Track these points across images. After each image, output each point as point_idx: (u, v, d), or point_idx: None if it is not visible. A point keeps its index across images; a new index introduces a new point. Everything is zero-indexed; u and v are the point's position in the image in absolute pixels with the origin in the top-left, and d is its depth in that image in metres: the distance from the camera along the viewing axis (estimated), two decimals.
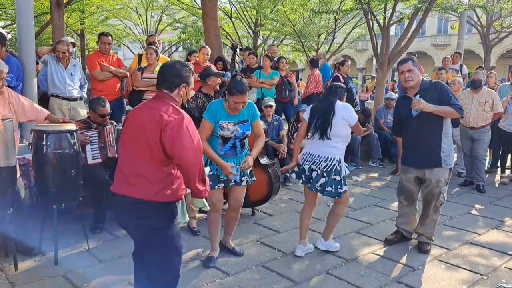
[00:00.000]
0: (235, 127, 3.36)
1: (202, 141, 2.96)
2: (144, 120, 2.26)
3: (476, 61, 27.58)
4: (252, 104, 3.50)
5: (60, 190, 3.45)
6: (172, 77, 2.35)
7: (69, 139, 3.45)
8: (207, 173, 3.07)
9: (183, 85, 2.37)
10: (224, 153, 3.39)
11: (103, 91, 5.62)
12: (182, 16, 23.96)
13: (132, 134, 2.31)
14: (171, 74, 2.36)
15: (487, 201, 5.60)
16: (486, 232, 4.46)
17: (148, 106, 2.35)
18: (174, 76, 2.35)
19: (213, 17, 8.96)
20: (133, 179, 2.28)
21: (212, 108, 3.36)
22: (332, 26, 18.92)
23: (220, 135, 3.35)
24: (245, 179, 3.58)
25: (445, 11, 12.72)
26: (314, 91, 8.04)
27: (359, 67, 36.12)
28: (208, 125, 3.34)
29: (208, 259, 3.58)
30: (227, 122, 3.34)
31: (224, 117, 3.35)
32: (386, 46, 11.79)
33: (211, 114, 3.34)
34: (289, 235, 4.28)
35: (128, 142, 2.34)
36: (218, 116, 3.33)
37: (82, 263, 3.54)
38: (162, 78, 2.39)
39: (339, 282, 3.33)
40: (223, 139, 3.38)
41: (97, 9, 19.66)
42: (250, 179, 3.64)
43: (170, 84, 2.35)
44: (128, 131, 2.35)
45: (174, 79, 2.35)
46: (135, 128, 2.30)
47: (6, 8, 16.99)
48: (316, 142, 3.67)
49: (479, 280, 3.42)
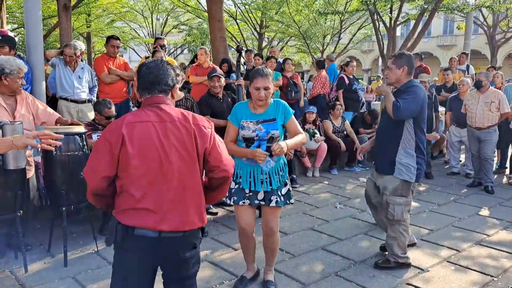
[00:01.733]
0: (257, 126, 2.93)
1: (228, 143, 2.84)
2: (170, 134, 1.92)
3: (483, 61, 27.43)
4: (281, 102, 3.04)
5: (69, 192, 3.47)
6: (165, 78, 2.01)
7: (78, 141, 3.47)
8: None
9: (176, 86, 2.08)
10: (247, 160, 2.97)
11: (110, 93, 5.65)
12: (188, 19, 24.09)
13: (159, 155, 1.90)
14: (163, 75, 2.01)
15: (496, 202, 5.56)
16: (496, 233, 4.43)
17: (156, 118, 1.94)
18: (167, 77, 2.02)
19: (218, 19, 8.98)
20: (172, 209, 1.93)
21: (236, 109, 3.05)
22: (337, 27, 18.91)
23: (241, 136, 2.96)
24: (275, 199, 3.00)
25: (451, 11, 12.70)
26: (321, 92, 8.03)
27: (365, 68, 36.05)
28: (232, 128, 2.99)
29: (239, 279, 3.25)
30: (248, 121, 2.96)
31: (246, 116, 2.98)
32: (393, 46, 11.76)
33: (234, 116, 3.00)
34: (297, 236, 4.27)
35: (155, 164, 1.90)
36: (240, 116, 2.98)
37: (91, 264, 3.55)
38: (152, 81, 1.99)
39: (348, 284, 3.31)
40: (246, 143, 2.97)
41: (103, 12, 19.81)
42: (284, 201, 3.06)
43: (164, 88, 2.01)
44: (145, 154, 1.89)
45: (168, 80, 2.02)
46: (154, 148, 1.90)
47: (13, 11, 17.14)
48: None
49: (489, 281, 3.40)
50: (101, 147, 1.91)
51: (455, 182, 6.61)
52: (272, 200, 3.00)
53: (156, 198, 1.91)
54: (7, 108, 3.45)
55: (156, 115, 1.94)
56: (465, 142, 6.65)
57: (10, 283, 3.25)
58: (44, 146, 2.57)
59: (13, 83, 3.42)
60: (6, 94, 3.46)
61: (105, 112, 4.30)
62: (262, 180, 2.99)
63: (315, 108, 7.04)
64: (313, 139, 6.74)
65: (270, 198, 3.00)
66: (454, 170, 7.05)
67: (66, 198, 3.46)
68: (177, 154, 1.92)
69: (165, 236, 1.93)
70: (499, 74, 7.76)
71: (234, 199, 3.03)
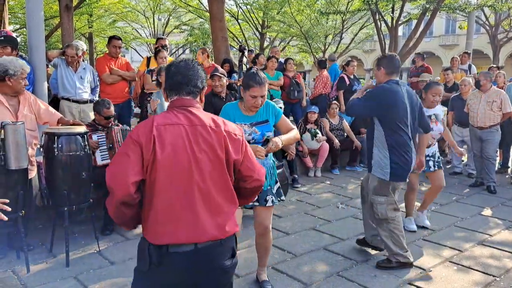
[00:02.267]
0: (252, 129, 2.93)
1: None
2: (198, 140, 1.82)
3: (485, 61, 27.34)
4: (269, 102, 3.05)
5: (71, 192, 3.48)
6: (195, 79, 1.91)
7: (80, 141, 3.48)
8: None
9: (205, 88, 1.98)
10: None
11: (111, 94, 5.67)
12: (189, 19, 24.10)
13: (188, 160, 1.79)
14: (193, 76, 1.91)
15: (498, 201, 5.55)
16: (498, 233, 4.42)
17: (186, 121, 1.83)
18: (197, 78, 1.92)
19: (220, 19, 8.99)
20: (204, 217, 1.81)
21: (226, 111, 2.97)
22: (339, 27, 18.89)
23: None
24: (271, 199, 3.02)
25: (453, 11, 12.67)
26: (322, 92, 8.02)
27: (367, 67, 36.01)
28: None
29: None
30: (243, 124, 2.91)
31: (240, 119, 2.94)
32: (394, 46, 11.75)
33: (227, 117, 2.83)
34: (298, 236, 4.27)
35: (185, 170, 1.78)
36: (233, 118, 2.90)
37: (93, 264, 3.56)
38: (181, 82, 1.89)
39: (350, 284, 3.31)
40: None
41: (105, 12, 19.83)
42: (277, 199, 3.10)
43: (193, 89, 1.90)
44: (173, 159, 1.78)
45: (197, 81, 1.92)
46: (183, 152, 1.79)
47: (15, 12, 17.18)
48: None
49: (492, 282, 3.39)
50: (129, 149, 1.76)
51: (457, 182, 6.60)
52: (268, 200, 3.01)
53: (186, 207, 1.78)
54: (10, 108, 3.46)
55: (186, 118, 1.83)
56: (467, 141, 6.63)
57: (12, 283, 3.26)
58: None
59: (17, 84, 3.43)
60: (9, 94, 3.47)
61: (104, 112, 4.31)
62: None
63: (317, 108, 7.03)
64: (315, 139, 6.73)
65: (265, 198, 3.00)
66: (456, 170, 7.03)
67: (67, 198, 3.46)
68: (208, 160, 1.81)
69: (202, 247, 1.79)
70: (501, 73, 7.73)
71: None
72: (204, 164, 1.80)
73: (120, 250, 3.89)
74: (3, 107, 3.42)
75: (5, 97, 3.45)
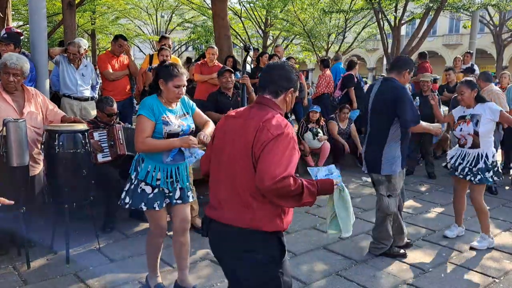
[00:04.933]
0: (179, 121, 2.90)
1: (146, 140, 2.75)
2: (240, 131, 1.96)
3: (489, 61, 27.27)
4: (183, 97, 2.99)
5: (71, 189, 3.49)
6: (281, 79, 2.00)
7: (81, 138, 3.48)
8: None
9: (291, 90, 2.03)
10: (173, 159, 2.85)
11: (113, 91, 5.68)
12: (192, 16, 24.10)
13: (229, 149, 1.98)
14: (280, 76, 2.01)
15: (499, 203, 5.54)
16: (498, 235, 4.41)
17: (246, 114, 2.01)
18: (283, 78, 2.01)
19: (223, 17, 8.98)
20: (235, 205, 1.95)
21: (151, 104, 2.82)
22: (342, 25, 18.86)
23: (166, 132, 2.81)
24: (191, 194, 3.09)
25: (457, 10, 12.61)
26: (325, 91, 8.01)
27: (369, 66, 35.94)
28: (150, 123, 2.78)
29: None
30: (169, 116, 2.86)
31: (165, 112, 2.85)
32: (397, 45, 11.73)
33: (151, 111, 2.79)
34: (298, 235, 4.28)
35: (224, 159, 2.00)
36: (157, 111, 2.82)
37: (93, 261, 3.58)
38: (267, 80, 2.03)
39: (349, 284, 3.31)
40: (168, 138, 2.84)
41: (108, 9, 19.84)
42: (192, 195, 3.15)
43: (276, 88, 2.00)
44: (222, 145, 2.02)
45: (283, 81, 2.01)
46: (228, 141, 1.99)
47: (18, 8, 17.22)
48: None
49: (491, 283, 3.39)
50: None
51: None
52: (189, 195, 3.06)
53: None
54: (15, 106, 3.46)
55: (245, 112, 2.03)
56: None
57: (13, 279, 3.28)
58: None
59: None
60: (11, 91, 3.47)
61: (107, 109, 4.32)
62: (179, 178, 2.96)
63: (319, 107, 7.02)
64: (316, 138, 6.73)
65: (187, 194, 3.04)
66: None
67: (68, 195, 3.47)
68: (239, 156, 1.94)
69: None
70: (506, 74, 7.66)
71: (158, 203, 2.91)
72: (238, 154, 1.95)
73: (120, 247, 3.90)
74: (7, 104, 3.43)
75: (10, 95, 3.46)
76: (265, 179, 1.81)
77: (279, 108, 2.01)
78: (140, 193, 2.88)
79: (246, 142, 1.91)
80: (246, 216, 1.92)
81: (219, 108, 4.89)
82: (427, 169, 6.84)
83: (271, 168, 1.81)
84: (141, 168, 2.88)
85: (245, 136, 1.92)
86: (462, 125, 4.00)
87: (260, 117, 1.93)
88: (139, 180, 2.88)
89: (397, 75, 3.66)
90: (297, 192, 1.86)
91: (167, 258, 3.67)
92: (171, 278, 3.35)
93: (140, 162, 2.90)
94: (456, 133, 4.07)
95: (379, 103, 3.64)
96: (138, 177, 2.88)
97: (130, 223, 4.47)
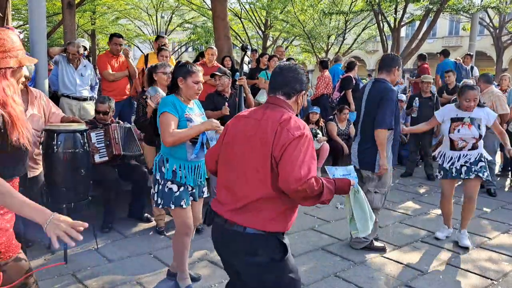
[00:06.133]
0: (199, 119, 2.96)
1: (174, 132, 2.75)
2: (254, 132, 1.96)
3: (488, 63, 27.30)
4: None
5: (70, 189, 3.48)
6: (294, 81, 2.04)
7: (80, 138, 3.47)
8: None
9: (303, 92, 2.08)
10: (196, 156, 2.90)
11: (113, 91, 5.68)
12: (192, 17, 24.10)
13: (239, 148, 2.00)
14: (293, 78, 2.05)
15: (498, 205, 5.53)
16: (497, 236, 4.41)
17: (260, 114, 2.01)
18: (296, 81, 2.05)
19: (222, 18, 8.98)
20: (240, 204, 1.96)
21: (173, 102, 2.87)
22: (342, 27, 18.86)
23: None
24: (206, 189, 3.18)
25: (457, 12, 12.62)
26: (324, 92, 8.01)
27: (369, 68, 35.95)
28: (174, 119, 2.81)
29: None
30: (192, 114, 2.92)
31: (186, 109, 2.91)
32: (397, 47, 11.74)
33: (174, 107, 2.83)
34: (297, 236, 4.27)
35: (233, 158, 2.02)
36: (180, 108, 2.86)
37: (91, 262, 3.57)
38: (280, 82, 2.05)
39: (347, 285, 3.31)
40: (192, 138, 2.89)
41: (108, 9, 19.86)
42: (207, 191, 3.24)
43: (289, 90, 2.03)
44: (232, 144, 2.04)
45: (295, 84, 2.05)
46: (239, 140, 2.01)
47: (19, 9, 17.22)
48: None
49: (489, 285, 3.38)
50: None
51: (457, 184, 6.57)
52: (204, 191, 3.16)
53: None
54: None
55: (258, 112, 2.03)
56: None
57: None
58: None
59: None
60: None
61: (98, 106, 4.37)
62: (202, 174, 3.03)
63: (319, 109, 7.02)
64: (315, 139, 6.72)
65: (202, 190, 3.14)
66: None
67: (66, 195, 3.46)
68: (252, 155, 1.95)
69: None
70: (506, 76, 7.66)
71: (184, 201, 2.94)
72: (249, 154, 1.97)
73: (118, 247, 3.89)
74: None
75: None
76: (291, 181, 1.82)
77: (292, 109, 2.04)
78: (168, 192, 2.91)
79: (263, 143, 1.91)
80: (250, 215, 1.94)
81: (216, 109, 4.91)
82: (426, 171, 6.84)
83: (295, 169, 1.83)
84: (166, 168, 2.90)
85: (260, 136, 1.92)
86: (462, 127, 3.96)
87: (277, 118, 1.94)
88: (166, 179, 2.90)
89: (387, 74, 3.79)
90: (319, 191, 1.90)
91: (165, 258, 3.66)
92: None
93: (164, 162, 2.92)
94: (454, 136, 3.99)
95: (369, 104, 3.76)
96: (165, 177, 2.90)
97: (128, 223, 4.47)
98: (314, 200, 1.93)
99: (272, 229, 1.95)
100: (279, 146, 1.87)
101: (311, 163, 1.88)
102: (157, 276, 3.37)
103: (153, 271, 3.45)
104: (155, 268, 3.50)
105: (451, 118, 4.00)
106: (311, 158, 1.90)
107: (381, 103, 3.62)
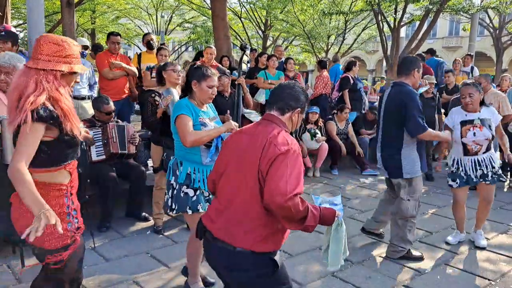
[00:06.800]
0: (213, 124, 2.90)
1: (193, 133, 2.71)
2: (245, 147, 1.96)
3: (488, 63, 27.30)
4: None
5: None
6: (289, 98, 2.05)
7: None
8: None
9: (298, 110, 2.06)
10: (211, 160, 2.84)
11: (111, 90, 5.68)
12: (192, 16, 24.11)
13: (233, 165, 1.99)
14: (289, 94, 2.05)
15: (496, 205, 5.52)
16: (495, 237, 4.40)
17: (253, 130, 2.02)
18: (291, 97, 2.05)
19: (222, 17, 8.99)
20: (232, 222, 1.94)
21: (185, 104, 2.83)
22: (342, 27, 18.86)
23: None
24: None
25: (457, 12, 12.62)
26: (323, 92, 8.00)
27: (369, 68, 35.97)
28: (191, 121, 2.77)
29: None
30: (205, 118, 2.87)
31: (201, 113, 2.86)
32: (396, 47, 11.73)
33: (189, 110, 2.79)
34: (295, 236, 4.25)
35: (228, 174, 2.02)
36: (194, 112, 2.81)
37: (88, 261, 3.54)
38: (276, 97, 2.07)
39: (345, 285, 3.30)
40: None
41: (108, 8, 19.86)
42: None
43: (283, 105, 2.03)
44: (227, 161, 2.04)
45: (290, 100, 2.04)
46: (233, 157, 2.00)
47: (18, 7, 17.21)
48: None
49: (487, 285, 3.38)
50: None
51: None
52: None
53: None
54: None
55: (251, 128, 2.06)
56: None
57: (7, 277, 3.27)
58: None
59: None
60: None
61: (104, 108, 4.32)
62: None
63: (318, 108, 7.02)
64: (314, 139, 6.72)
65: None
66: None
67: None
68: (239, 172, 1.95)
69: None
70: (507, 77, 7.66)
71: (201, 205, 2.88)
72: (240, 170, 1.97)
73: (116, 247, 3.89)
74: (2, 104, 3.41)
75: (4, 94, 3.44)
76: (275, 195, 1.79)
77: (284, 126, 2.02)
78: (184, 197, 2.84)
79: (252, 158, 1.90)
80: (238, 235, 1.91)
81: (217, 108, 4.89)
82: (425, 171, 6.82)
83: (281, 184, 1.79)
84: (180, 172, 2.85)
85: (250, 152, 1.92)
86: (474, 130, 3.86)
87: (266, 133, 1.93)
88: (180, 184, 2.85)
89: (406, 77, 3.62)
90: (303, 214, 1.86)
91: (163, 258, 3.66)
92: (166, 278, 3.34)
93: (178, 165, 2.87)
94: (468, 140, 3.87)
95: (390, 108, 3.62)
96: (178, 181, 2.85)
97: (126, 222, 4.46)
98: (297, 224, 1.89)
99: (263, 249, 1.92)
100: (265, 160, 1.85)
101: (298, 181, 1.84)
102: (154, 276, 3.36)
103: (150, 270, 3.45)
104: (152, 268, 3.49)
105: (460, 122, 3.92)
106: (299, 175, 1.86)
107: (403, 108, 3.48)
